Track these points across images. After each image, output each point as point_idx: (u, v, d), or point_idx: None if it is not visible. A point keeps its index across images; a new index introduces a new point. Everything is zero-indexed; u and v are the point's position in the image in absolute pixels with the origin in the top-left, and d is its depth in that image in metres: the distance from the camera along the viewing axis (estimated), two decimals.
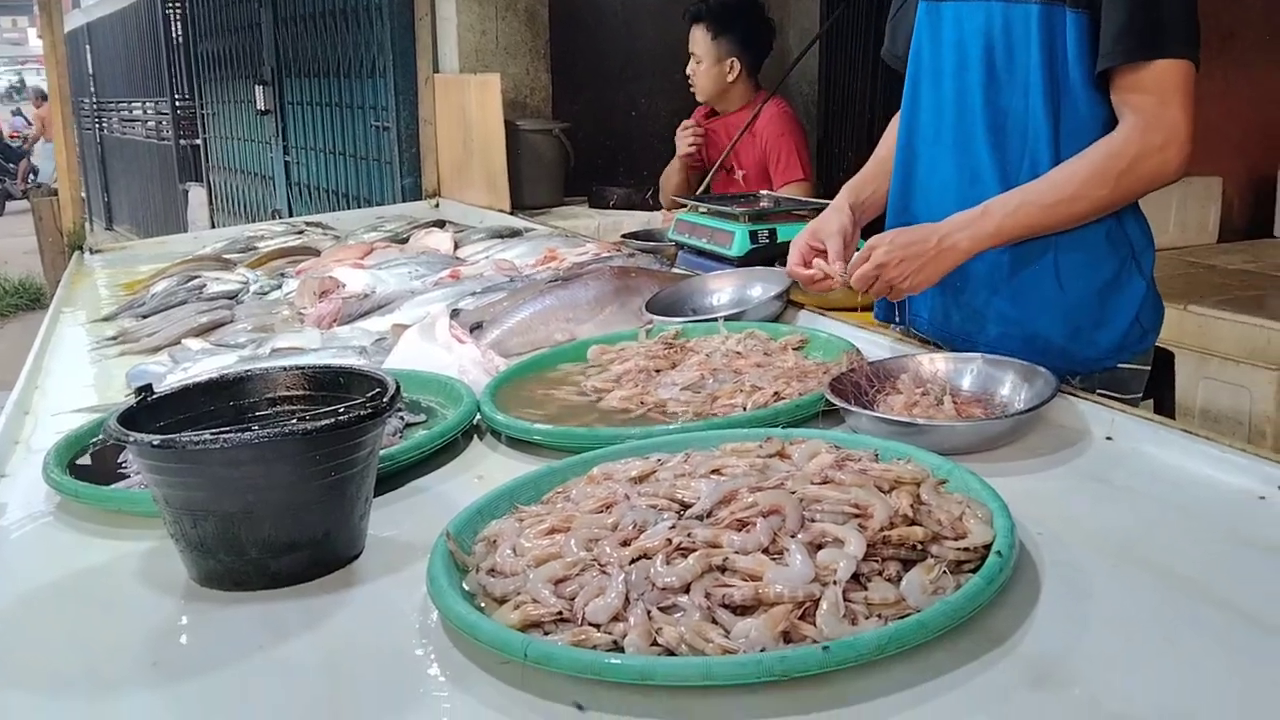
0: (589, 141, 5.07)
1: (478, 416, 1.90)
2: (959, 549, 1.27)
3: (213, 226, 8.47)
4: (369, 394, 1.45)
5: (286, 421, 1.53)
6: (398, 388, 1.48)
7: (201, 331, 2.70)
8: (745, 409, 1.82)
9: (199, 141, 9.60)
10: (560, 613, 1.22)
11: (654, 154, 4.65)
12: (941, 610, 1.16)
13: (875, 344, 2.18)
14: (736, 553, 1.23)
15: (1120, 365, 2.01)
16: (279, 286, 3.11)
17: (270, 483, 1.36)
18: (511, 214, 4.34)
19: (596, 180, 4.96)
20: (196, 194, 10.01)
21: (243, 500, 1.36)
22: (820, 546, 1.24)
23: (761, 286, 2.52)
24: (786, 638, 1.15)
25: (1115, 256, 1.98)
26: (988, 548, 1.27)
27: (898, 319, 2.23)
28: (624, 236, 3.60)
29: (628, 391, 1.96)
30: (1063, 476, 1.62)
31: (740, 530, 1.27)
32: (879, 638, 1.12)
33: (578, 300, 2.44)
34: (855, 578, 1.21)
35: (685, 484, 1.39)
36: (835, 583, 1.19)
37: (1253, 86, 5.05)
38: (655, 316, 2.35)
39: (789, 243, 2.94)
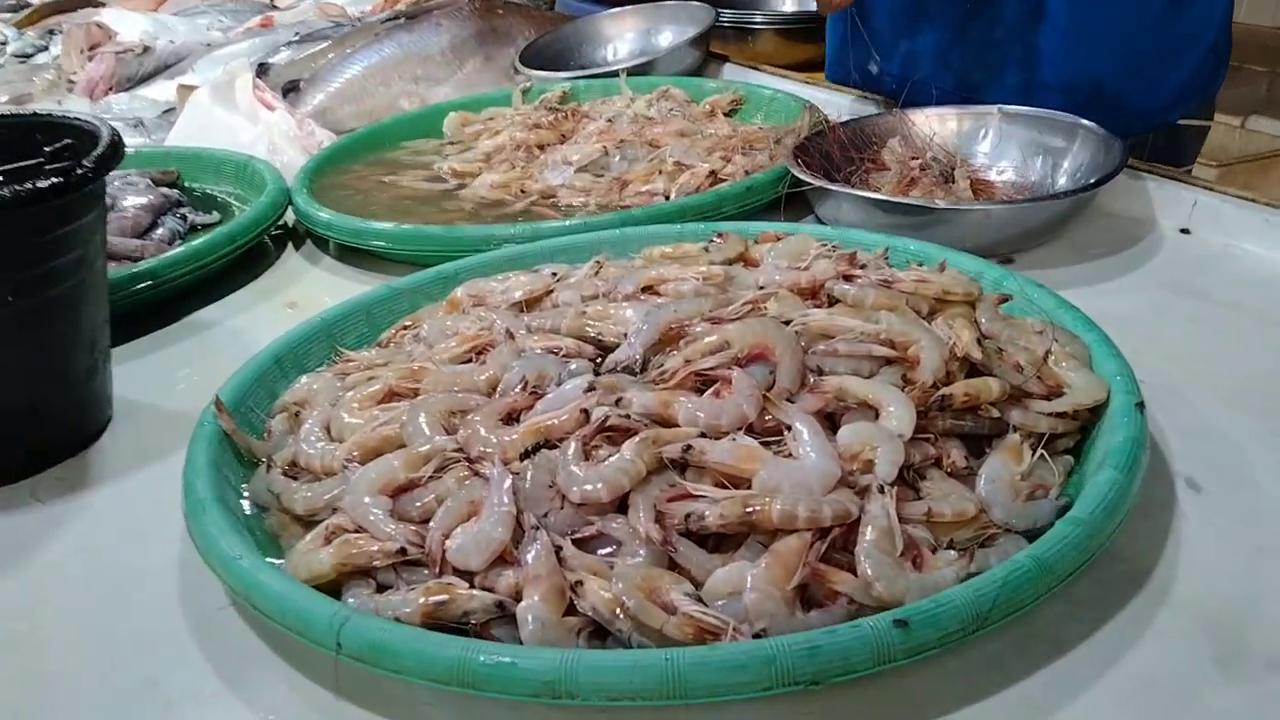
0: None
1: (290, 214, 1.45)
2: (1055, 414, 0.78)
3: None
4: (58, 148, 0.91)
5: None
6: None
7: None
8: (670, 197, 1.35)
9: None
10: (403, 550, 0.72)
11: None
12: (1067, 536, 0.66)
13: (832, 106, 1.63)
14: (703, 434, 0.74)
15: (1181, 120, 1.49)
16: (47, 48, 2.62)
17: None
18: None
19: None
20: None
21: None
22: (834, 417, 0.75)
23: (671, 30, 2.10)
24: (806, 600, 0.65)
25: None
26: (1094, 411, 0.79)
27: (857, 77, 1.65)
28: None
29: (501, 176, 1.53)
30: (1138, 289, 1.13)
31: (703, 393, 0.77)
32: (976, 599, 0.62)
33: (428, 49, 1.98)
34: (899, 473, 0.72)
35: (602, 312, 0.90)
36: (881, 489, 0.69)
37: None
38: (533, 72, 1.90)
39: None
